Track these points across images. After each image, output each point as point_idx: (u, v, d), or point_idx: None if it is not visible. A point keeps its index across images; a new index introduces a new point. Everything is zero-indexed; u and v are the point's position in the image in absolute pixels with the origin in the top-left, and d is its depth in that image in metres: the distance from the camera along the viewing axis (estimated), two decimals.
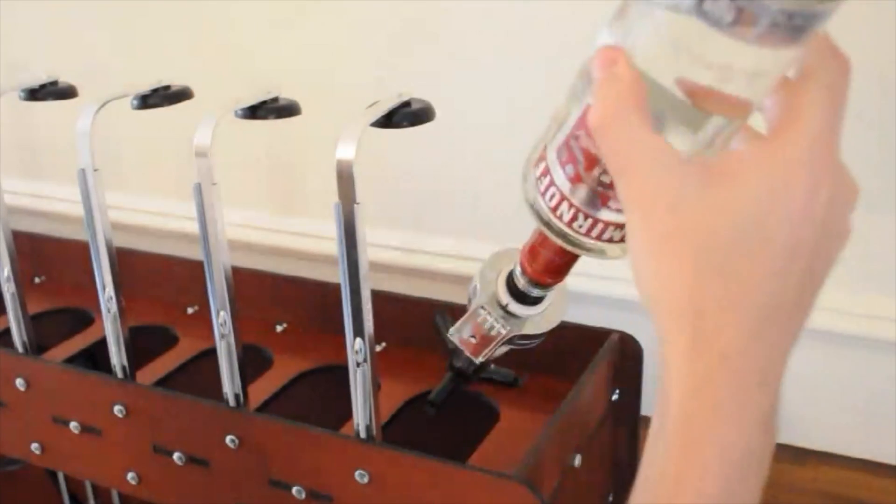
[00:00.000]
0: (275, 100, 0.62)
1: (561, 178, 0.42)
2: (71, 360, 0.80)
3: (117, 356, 0.72)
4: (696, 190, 0.32)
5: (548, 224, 0.44)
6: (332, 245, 0.57)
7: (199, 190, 0.61)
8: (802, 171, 0.31)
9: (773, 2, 0.31)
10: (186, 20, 0.96)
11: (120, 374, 0.73)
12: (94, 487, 0.89)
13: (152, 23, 0.99)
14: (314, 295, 0.83)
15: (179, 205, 1.00)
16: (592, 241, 0.43)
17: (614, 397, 0.70)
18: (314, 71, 0.91)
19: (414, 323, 0.78)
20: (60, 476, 0.91)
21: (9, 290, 0.76)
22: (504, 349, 0.53)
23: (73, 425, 0.73)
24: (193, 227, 0.62)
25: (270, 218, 0.97)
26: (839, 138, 0.32)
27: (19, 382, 0.75)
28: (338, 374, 0.65)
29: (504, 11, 0.80)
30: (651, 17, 0.36)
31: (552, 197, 0.43)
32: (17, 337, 0.77)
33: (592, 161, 0.40)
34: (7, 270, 0.75)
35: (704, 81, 0.35)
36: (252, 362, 0.69)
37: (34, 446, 0.76)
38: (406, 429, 0.67)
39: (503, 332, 0.51)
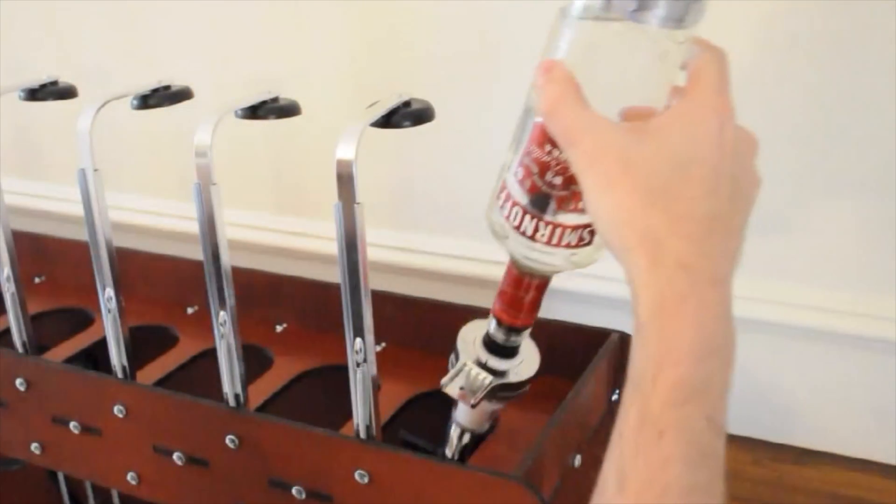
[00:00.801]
0: (275, 100, 0.62)
1: (520, 194, 0.49)
2: (71, 360, 0.80)
3: (117, 356, 0.72)
4: (634, 143, 0.40)
5: (513, 247, 0.51)
6: (332, 245, 0.57)
7: (199, 190, 0.61)
8: (710, 112, 0.40)
9: None
10: (186, 20, 0.96)
11: (120, 374, 0.73)
12: (94, 487, 0.89)
13: (152, 23, 0.99)
14: (314, 295, 0.83)
15: (179, 205, 1.00)
16: (554, 250, 0.49)
17: (614, 397, 0.70)
18: (314, 71, 0.91)
19: (414, 323, 0.78)
20: (60, 476, 0.91)
21: (9, 290, 0.76)
22: (496, 407, 0.59)
23: (73, 425, 0.73)
24: (193, 227, 0.62)
25: (270, 218, 0.97)
26: (731, 99, 0.41)
27: (19, 382, 0.75)
28: (338, 374, 0.65)
29: (504, 11, 0.80)
30: (573, 29, 0.45)
31: (515, 216, 0.50)
32: (17, 337, 0.77)
33: (545, 167, 0.47)
34: (7, 270, 0.75)
35: (618, 73, 0.44)
36: (252, 362, 0.69)
37: (34, 446, 0.76)
38: (406, 429, 0.67)
39: (487, 382, 0.57)
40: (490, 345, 0.58)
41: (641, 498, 0.37)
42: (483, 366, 0.58)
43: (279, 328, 0.86)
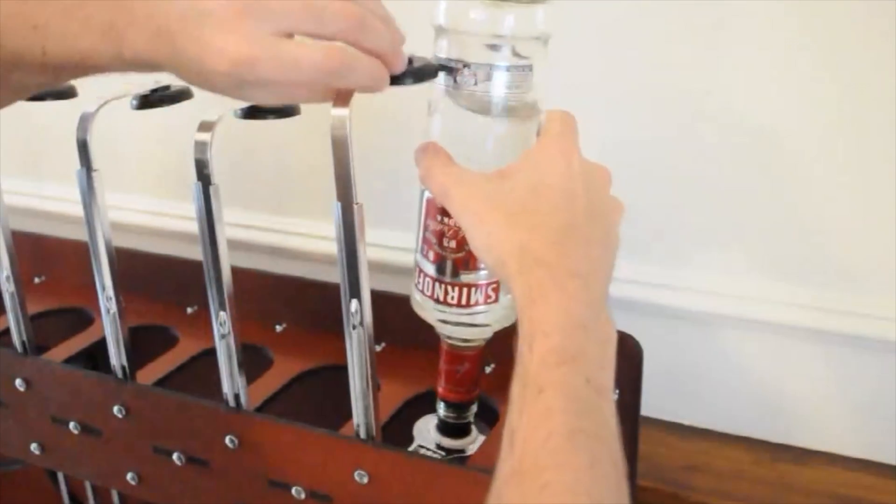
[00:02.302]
0: None
1: (428, 266, 0.56)
2: (71, 360, 0.80)
3: (117, 356, 0.72)
4: (495, 184, 0.48)
5: (434, 318, 0.57)
6: (332, 245, 0.57)
7: (198, 190, 0.61)
8: (554, 151, 0.48)
9: (501, 61, 0.50)
10: None
11: (120, 374, 0.73)
12: (94, 487, 0.89)
13: None
14: (314, 295, 0.83)
15: (179, 205, 1.00)
16: (466, 311, 0.56)
17: (614, 397, 0.70)
18: None
19: (414, 323, 0.78)
20: (60, 476, 0.91)
21: (9, 290, 0.76)
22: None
23: (73, 425, 0.73)
24: (193, 227, 0.62)
25: (270, 218, 0.97)
26: (577, 143, 0.49)
27: (19, 382, 0.75)
28: (338, 374, 0.65)
29: None
30: (440, 104, 0.53)
31: (427, 286, 0.57)
32: (17, 337, 0.77)
33: (440, 234, 0.55)
34: (7, 270, 0.75)
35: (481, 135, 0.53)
36: (252, 362, 0.69)
37: (34, 446, 0.76)
38: (406, 429, 0.67)
39: (440, 456, 0.63)
40: (443, 427, 0.63)
41: (528, 446, 0.39)
42: (440, 447, 0.63)
43: (279, 328, 0.86)
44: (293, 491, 0.63)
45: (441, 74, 0.52)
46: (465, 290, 0.55)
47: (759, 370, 0.78)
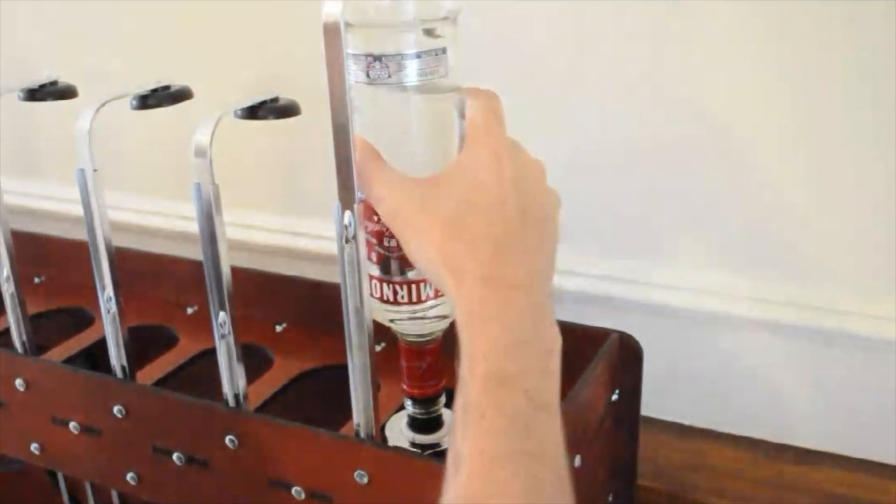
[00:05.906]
0: (275, 100, 0.62)
1: (372, 268, 0.55)
2: (71, 360, 0.80)
3: (117, 356, 0.72)
4: (428, 191, 0.47)
5: (386, 318, 0.57)
6: (332, 245, 0.57)
7: (198, 190, 0.61)
8: (483, 152, 0.47)
9: (410, 49, 0.50)
10: (186, 19, 0.96)
11: (120, 375, 0.73)
12: (94, 487, 0.89)
13: (152, 23, 0.99)
14: (314, 295, 0.83)
15: (179, 205, 1.00)
16: (418, 307, 0.55)
17: (614, 397, 0.70)
18: (313, 71, 0.91)
19: None
20: (60, 476, 0.91)
21: (8, 290, 0.76)
22: None
23: (73, 425, 0.73)
24: (193, 227, 0.62)
25: (270, 218, 0.97)
26: (503, 134, 0.48)
27: (19, 382, 0.75)
28: (338, 374, 0.65)
29: (501, 12, 0.80)
30: (358, 98, 0.52)
31: (376, 288, 0.56)
32: (17, 337, 0.77)
33: (380, 235, 0.54)
34: (7, 270, 0.75)
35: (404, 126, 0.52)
36: (252, 362, 0.69)
37: (34, 446, 0.76)
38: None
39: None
40: (414, 424, 0.63)
41: (472, 472, 0.40)
42: (414, 445, 0.62)
43: (279, 328, 0.86)
44: (293, 491, 0.63)
45: (353, 71, 0.51)
46: (413, 286, 0.55)
47: (759, 370, 0.78)
